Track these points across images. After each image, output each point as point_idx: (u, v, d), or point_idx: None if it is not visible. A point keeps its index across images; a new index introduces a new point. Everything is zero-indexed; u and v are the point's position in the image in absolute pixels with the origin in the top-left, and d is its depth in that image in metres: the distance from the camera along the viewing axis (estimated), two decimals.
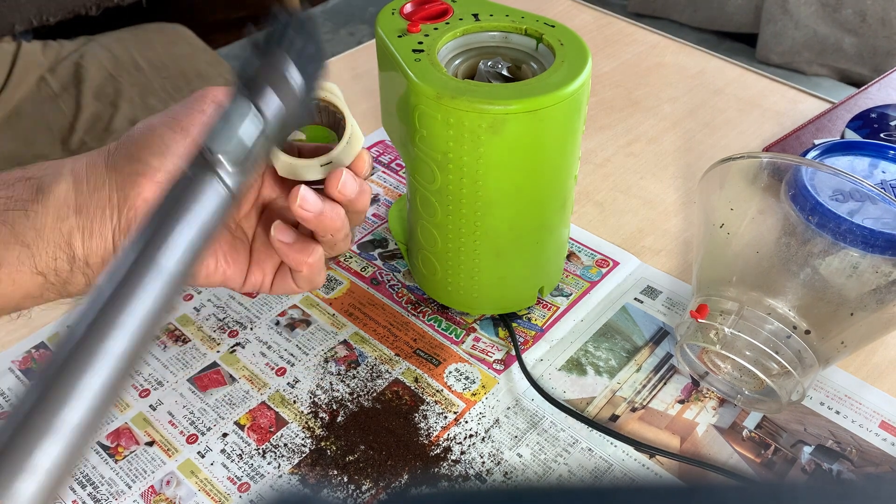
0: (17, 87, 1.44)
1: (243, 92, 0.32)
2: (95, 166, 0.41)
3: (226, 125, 0.31)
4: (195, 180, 0.30)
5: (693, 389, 0.57)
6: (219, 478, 0.52)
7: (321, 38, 0.36)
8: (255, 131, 0.31)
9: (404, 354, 0.60)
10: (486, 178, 0.52)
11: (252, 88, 0.32)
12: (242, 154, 0.31)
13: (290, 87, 0.33)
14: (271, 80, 0.32)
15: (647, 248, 0.68)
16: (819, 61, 2.10)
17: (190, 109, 0.41)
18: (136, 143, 0.41)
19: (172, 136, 0.40)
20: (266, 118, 0.32)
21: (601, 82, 0.88)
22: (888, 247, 0.53)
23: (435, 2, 0.56)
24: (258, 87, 0.32)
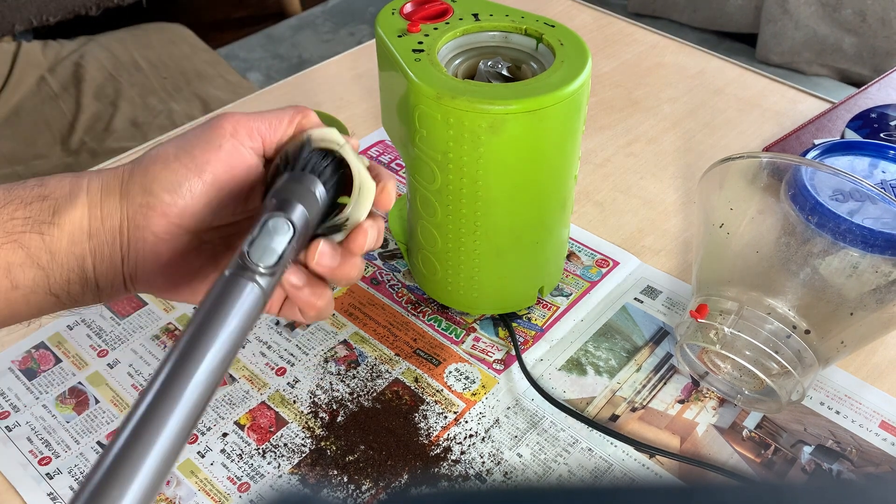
0: (17, 86, 1.44)
1: (279, 207, 0.39)
2: (110, 192, 0.41)
3: (263, 237, 0.38)
4: (237, 284, 0.36)
5: (693, 389, 0.57)
6: (219, 478, 0.52)
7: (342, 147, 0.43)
8: (286, 241, 0.38)
9: (404, 354, 0.60)
10: (486, 178, 0.52)
11: (285, 205, 0.39)
12: (276, 261, 0.37)
13: (314, 199, 0.40)
14: (300, 197, 0.40)
15: (647, 248, 0.68)
16: (819, 61, 2.10)
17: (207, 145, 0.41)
18: (150, 175, 0.41)
19: (186, 173, 0.41)
20: (296, 229, 0.39)
21: (601, 82, 0.88)
22: (888, 246, 0.53)
23: (435, 2, 0.56)
24: (290, 204, 0.39)
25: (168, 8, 2.51)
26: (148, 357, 0.60)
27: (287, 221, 0.38)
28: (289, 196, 0.39)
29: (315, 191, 0.41)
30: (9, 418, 0.56)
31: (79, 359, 0.60)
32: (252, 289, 0.36)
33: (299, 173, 0.41)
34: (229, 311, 0.35)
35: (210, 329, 0.34)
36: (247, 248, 0.37)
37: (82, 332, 0.62)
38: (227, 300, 0.35)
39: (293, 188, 0.40)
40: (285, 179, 0.41)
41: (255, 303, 0.36)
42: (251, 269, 0.36)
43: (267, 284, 0.37)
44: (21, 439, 0.55)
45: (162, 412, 0.31)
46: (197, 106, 1.45)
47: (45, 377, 0.59)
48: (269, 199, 0.40)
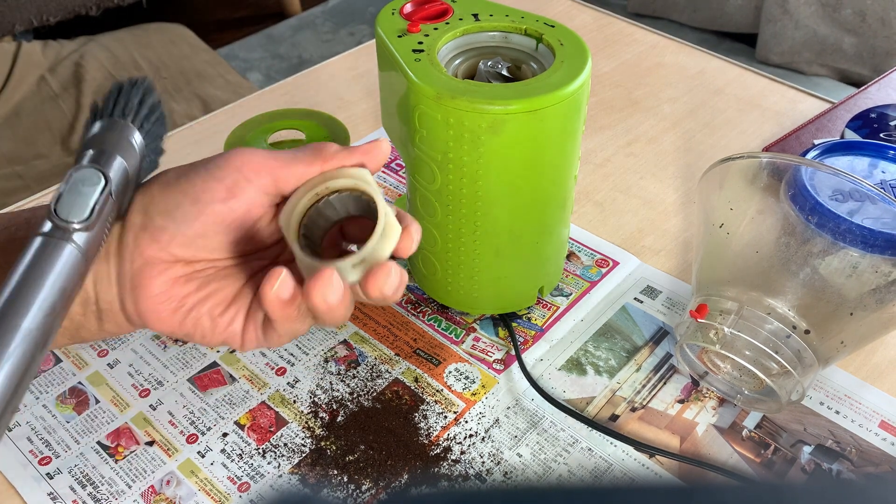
0: (17, 87, 1.44)
1: (90, 158, 0.37)
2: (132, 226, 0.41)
3: (73, 192, 0.35)
4: (49, 244, 0.34)
5: (693, 389, 0.57)
6: (219, 477, 0.52)
7: (157, 97, 0.42)
8: (99, 192, 0.36)
9: (404, 354, 0.60)
10: (486, 178, 0.52)
11: (98, 156, 0.37)
12: (87, 213, 0.35)
13: (131, 146, 0.39)
14: (115, 146, 0.38)
15: (647, 248, 0.68)
16: (819, 61, 2.10)
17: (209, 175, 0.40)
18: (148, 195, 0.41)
19: (182, 198, 0.40)
20: (108, 178, 0.36)
21: (601, 82, 0.88)
22: (888, 247, 0.53)
23: (435, 2, 0.56)
24: (101, 153, 0.37)
25: (168, 8, 2.51)
26: (148, 357, 0.60)
27: (97, 172, 0.36)
28: (102, 146, 0.37)
29: (130, 137, 0.39)
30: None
31: (79, 358, 0.60)
32: (66, 248, 0.34)
33: (112, 120, 0.39)
34: (44, 277, 0.33)
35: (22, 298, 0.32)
36: (54, 204, 0.35)
37: None
38: (41, 264, 0.33)
39: (105, 137, 0.38)
40: (97, 128, 0.39)
41: (73, 264, 0.34)
42: (60, 226, 0.34)
43: (84, 242, 0.35)
44: (21, 439, 0.55)
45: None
46: (197, 106, 1.45)
47: (45, 377, 0.59)
48: (78, 153, 0.38)
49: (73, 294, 0.35)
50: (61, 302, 0.34)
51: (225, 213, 0.40)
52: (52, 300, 0.33)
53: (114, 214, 0.37)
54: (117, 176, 0.37)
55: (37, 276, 0.33)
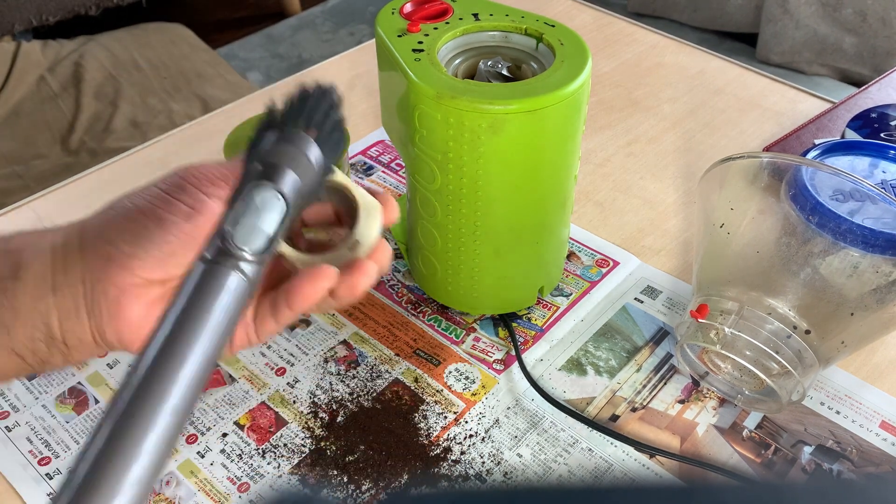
0: (16, 86, 1.44)
1: (265, 176, 0.31)
2: (72, 245, 0.39)
3: (250, 215, 0.30)
4: (220, 274, 0.30)
5: (693, 389, 0.57)
6: (218, 478, 0.52)
7: (341, 106, 0.35)
8: (278, 219, 0.31)
9: (404, 354, 0.60)
10: (486, 178, 0.52)
11: (273, 172, 0.31)
12: (264, 244, 0.31)
13: (310, 167, 0.33)
14: (292, 162, 0.32)
15: (647, 248, 0.68)
16: (819, 61, 2.10)
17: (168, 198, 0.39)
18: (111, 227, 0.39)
19: (147, 224, 0.38)
20: (288, 203, 0.31)
21: (601, 82, 0.88)
22: (888, 247, 0.53)
23: (435, 2, 0.56)
24: (280, 171, 0.31)
25: (168, 8, 2.51)
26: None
27: (277, 193, 0.31)
28: (277, 160, 0.32)
29: (310, 155, 0.33)
30: (9, 418, 0.56)
31: None
32: (237, 280, 0.30)
33: (291, 132, 0.33)
34: (211, 309, 0.29)
35: (189, 332, 0.29)
36: (230, 228, 0.30)
37: None
38: (209, 294, 0.29)
39: (282, 150, 0.32)
40: (273, 140, 0.33)
41: (240, 297, 0.30)
42: (234, 256, 0.30)
43: (254, 274, 0.31)
44: (21, 439, 0.55)
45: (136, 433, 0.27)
46: (197, 106, 1.45)
47: (44, 377, 0.59)
48: (251, 164, 0.32)
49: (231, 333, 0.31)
50: (225, 339, 0.30)
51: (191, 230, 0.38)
52: (217, 338, 0.29)
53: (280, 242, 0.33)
54: (293, 199, 0.32)
55: (205, 309, 0.29)
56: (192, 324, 0.29)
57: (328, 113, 0.35)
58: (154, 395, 0.28)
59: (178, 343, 0.29)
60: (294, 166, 0.32)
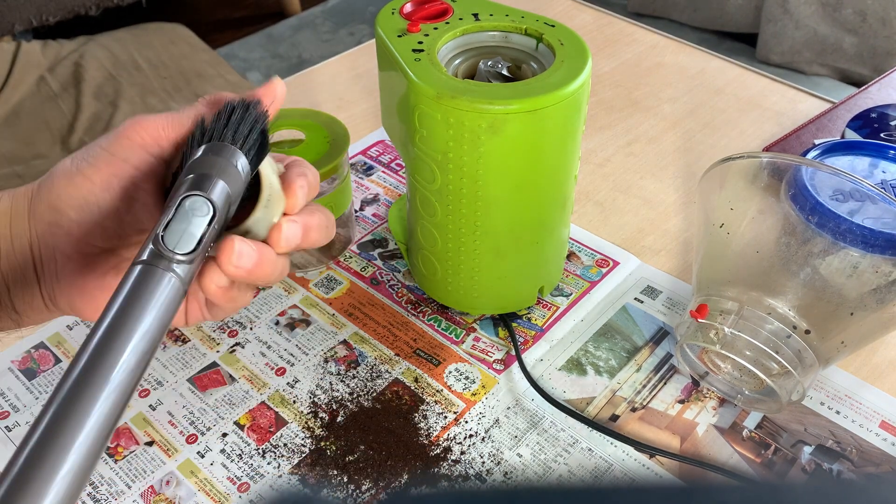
0: (16, 86, 1.44)
1: (195, 185, 0.34)
2: (19, 212, 0.39)
3: (180, 220, 0.33)
4: (153, 275, 0.32)
5: (693, 389, 0.57)
6: (218, 478, 0.52)
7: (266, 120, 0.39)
8: (206, 223, 0.34)
9: (404, 354, 0.60)
10: (486, 178, 0.52)
11: (202, 181, 0.34)
12: (194, 246, 0.33)
13: (237, 174, 0.36)
14: (222, 173, 0.35)
15: (647, 248, 0.68)
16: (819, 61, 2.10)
17: (111, 157, 0.38)
18: (55, 191, 0.38)
19: (91, 188, 0.37)
20: (217, 209, 0.34)
21: (601, 82, 0.88)
22: (888, 246, 0.53)
23: (435, 1, 0.56)
24: (210, 181, 0.35)
25: (168, 8, 2.51)
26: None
27: (206, 201, 0.34)
28: (208, 171, 0.35)
29: (237, 164, 0.36)
30: (9, 418, 0.56)
31: None
32: (170, 280, 0.32)
33: (219, 144, 0.36)
34: (145, 307, 0.31)
35: (123, 329, 0.31)
36: (161, 232, 0.33)
37: (82, 332, 0.62)
38: (142, 294, 0.32)
39: (212, 161, 0.35)
40: (203, 151, 0.36)
41: (174, 296, 0.32)
42: (167, 257, 0.32)
43: (185, 273, 0.33)
44: (21, 439, 0.55)
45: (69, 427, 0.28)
46: None
47: (44, 377, 0.59)
48: (183, 175, 0.35)
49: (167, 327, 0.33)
50: (160, 334, 0.32)
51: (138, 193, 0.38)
52: (153, 333, 0.32)
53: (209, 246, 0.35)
54: (221, 205, 0.35)
55: (139, 307, 0.31)
56: (128, 321, 0.31)
57: (252, 125, 0.38)
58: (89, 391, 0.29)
59: (114, 339, 0.31)
60: (222, 175, 0.35)
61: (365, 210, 0.72)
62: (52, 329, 0.62)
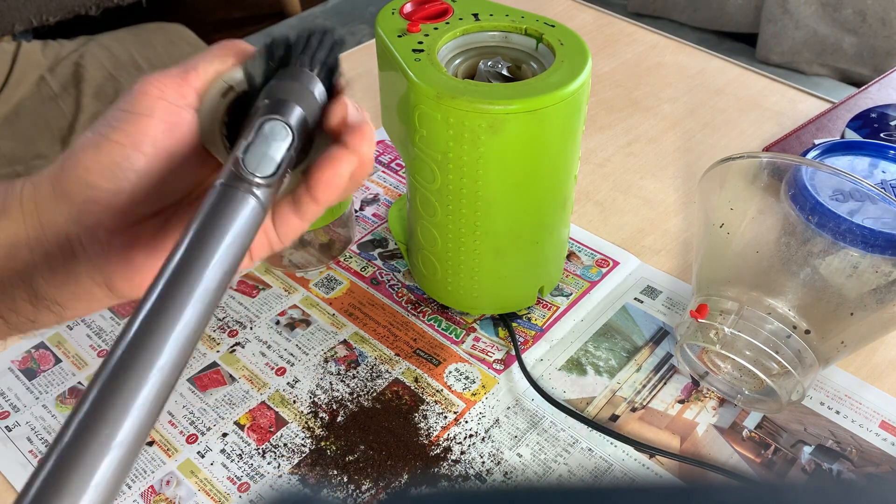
0: (16, 86, 1.44)
1: (273, 109, 0.34)
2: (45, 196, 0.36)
3: (260, 144, 0.33)
4: (233, 197, 0.32)
5: (693, 389, 0.57)
6: (219, 478, 0.52)
7: (342, 46, 0.39)
8: (286, 149, 0.33)
9: (404, 354, 0.60)
10: (486, 178, 0.52)
11: (281, 106, 0.34)
12: (274, 169, 0.33)
13: (314, 101, 0.36)
14: (299, 98, 0.35)
15: (647, 248, 0.68)
16: (819, 61, 2.10)
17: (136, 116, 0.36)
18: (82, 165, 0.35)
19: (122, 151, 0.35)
20: (295, 134, 0.34)
21: (601, 82, 0.88)
22: (888, 246, 0.53)
23: (435, 2, 0.56)
24: (288, 106, 0.34)
25: (168, 8, 2.51)
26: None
27: (285, 126, 0.34)
28: (285, 96, 0.35)
29: (314, 90, 0.36)
30: (9, 418, 0.56)
31: (79, 359, 0.60)
32: (249, 201, 0.32)
33: (296, 69, 0.36)
34: (226, 227, 0.31)
35: (205, 247, 0.30)
36: (241, 155, 0.33)
37: (82, 332, 0.62)
38: (223, 214, 0.31)
39: (289, 87, 0.35)
40: (279, 77, 0.36)
41: (254, 218, 0.32)
42: (247, 180, 0.32)
43: (265, 197, 0.33)
44: (21, 439, 0.55)
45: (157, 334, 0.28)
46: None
47: (45, 377, 0.59)
48: (261, 100, 0.35)
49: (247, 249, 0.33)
50: (240, 257, 0.32)
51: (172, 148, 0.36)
52: (233, 254, 0.31)
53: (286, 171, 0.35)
54: (299, 131, 0.35)
55: (220, 227, 0.31)
56: (208, 242, 0.30)
57: (329, 52, 0.38)
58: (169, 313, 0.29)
59: (194, 261, 0.30)
60: (300, 101, 0.35)
61: (365, 210, 0.72)
62: (52, 329, 0.62)
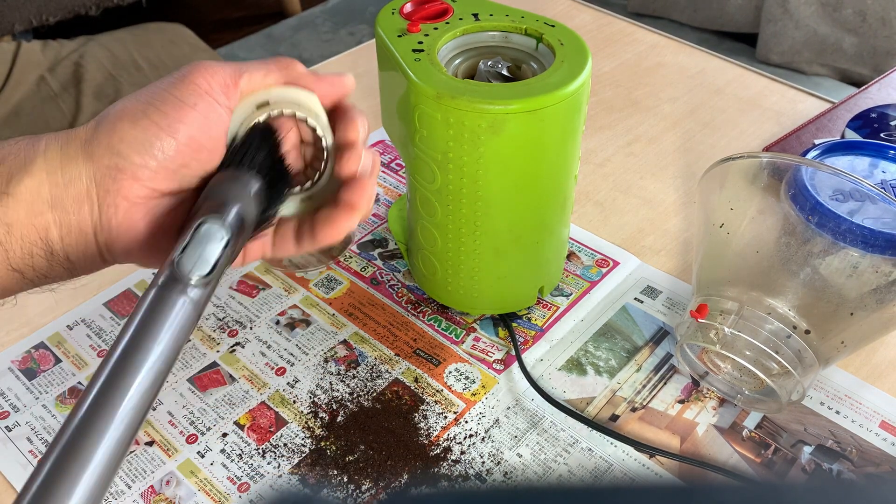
0: (16, 86, 1.44)
1: (211, 210, 0.36)
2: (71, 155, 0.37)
3: (195, 246, 0.35)
4: (168, 300, 0.34)
5: (693, 389, 0.57)
6: (218, 478, 0.52)
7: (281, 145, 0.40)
8: (221, 248, 0.35)
9: (404, 354, 0.60)
10: (486, 178, 0.52)
11: (220, 207, 0.36)
12: (209, 271, 0.35)
13: (253, 200, 0.38)
14: (237, 198, 0.37)
15: (647, 248, 0.68)
16: (819, 61, 2.10)
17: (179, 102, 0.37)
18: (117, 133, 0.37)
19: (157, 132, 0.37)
20: (233, 232, 0.36)
21: (601, 82, 0.88)
22: (888, 246, 0.53)
23: (435, 2, 0.56)
24: (226, 207, 0.36)
25: (168, 8, 2.51)
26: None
27: (222, 227, 0.35)
28: (224, 197, 0.36)
29: (252, 191, 0.38)
30: (9, 418, 0.56)
31: (79, 359, 0.60)
32: (183, 303, 0.34)
33: (236, 170, 0.38)
34: (158, 331, 0.33)
35: (138, 351, 0.33)
36: (177, 257, 0.35)
37: (82, 332, 0.62)
38: (157, 317, 0.34)
39: (228, 188, 0.37)
40: (222, 177, 0.38)
41: (187, 317, 0.34)
42: (182, 282, 0.34)
43: (199, 296, 0.35)
44: (21, 439, 0.55)
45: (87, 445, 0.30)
46: None
47: (44, 377, 0.59)
48: (202, 199, 0.37)
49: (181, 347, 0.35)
50: (176, 352, 0.34)
51: (204, 141, 0.38)
52: (166, 356, 0.33)
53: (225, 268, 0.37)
54: (236, 230, 0.36)
55: (152, 332, 0.33)
56: (142, 343, 0.33)
57: (269, 151, 0.39)
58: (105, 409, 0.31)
59: (128, 361, 0.32)
60: (237, 199, 0.37)
61: None
62: (52, 329, 0.62)
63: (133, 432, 0.32)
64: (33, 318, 0.63)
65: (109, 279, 0.65)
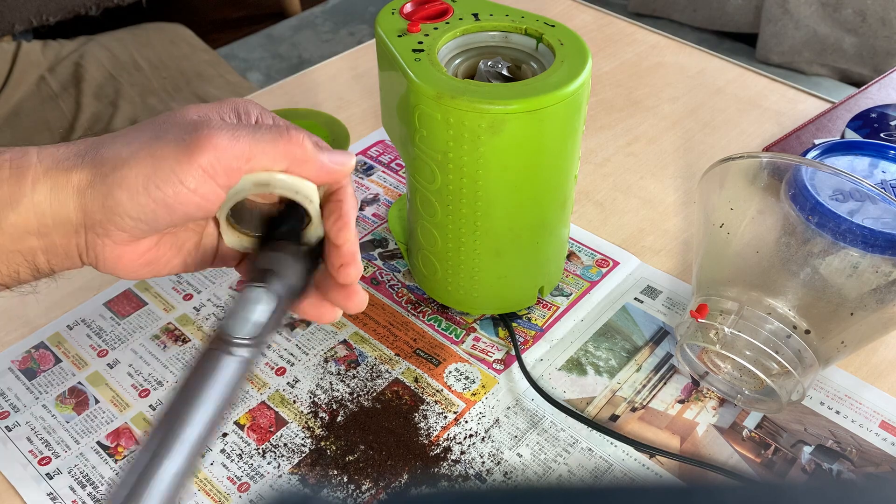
0: (17, 86, 1.44)
1: (258, 278, 0.40)
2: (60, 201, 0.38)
3: (241, 309, 0.38)
4: (213, 358, 0.37)
5: (693, 389, 0.57)
6: (218, 477, 0.52)
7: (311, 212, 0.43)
8: (269, 311, 0.39)
9: (404, 354, 0.60)
10: (486, 178, 0.52)
11: (265, 275, 0.40)
12: (257, 332, 0.38)
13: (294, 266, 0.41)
14: (280, 267, 0.41)
15: (647, 248, 0.68)
16: (819, 61, 2.10)
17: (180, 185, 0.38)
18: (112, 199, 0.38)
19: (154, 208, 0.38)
20: (280, 298, 0.39)
21: (601, 82, 0.88)
22: (888, 246, 0.53)
23: (435, 1, 0.56)
24: (270, 274, 0.40)
25: (168, 8, 2.51)
26: (148, 357, 0.60)
27: (266, 292, 0.39)
28: (269, 265, 0.41)
29: (293, 258, 0.41)
30: (9, 418, 0.56)
31: (78, 359, 0.60)
32: (229, 361, 0.37)
33: (278, 242, 0.42)
34: (204, 389, 0.36)
35: (185, 408, 0.35)
36: (223, 320, 0.38)
37: (82, 332, 0.62)
38: (203, 377, 0.36)
39: (272, 257, 0.41)
40: (266, 250, 0.42)
41: (236, 372, 0.37)
42: (226, 342, 0.37)
43: (251, 353, 0.38)
44: (21, 439, 0.55)
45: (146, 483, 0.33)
46: None
47: (44, 377, 0.59)
48: (250, 268, 0.42)
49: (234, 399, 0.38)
50: (225, 408, 0.36)
51: (197, 215, 0.40)
52: (215, 408, 0.36)
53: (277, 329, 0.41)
54: (282, 295, 0.40)
55: (200, 388, 0.36)
56: (189, 401, 0.35)
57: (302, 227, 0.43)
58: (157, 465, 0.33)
59: (177, 418, 0.35)
60: (281, 268, 0.41)
61: (365, 210, 0.72)
62: (52, 329, 0.62)
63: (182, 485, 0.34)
64: (33, 318, 0.63)
65: (109, 279, 0.65)
